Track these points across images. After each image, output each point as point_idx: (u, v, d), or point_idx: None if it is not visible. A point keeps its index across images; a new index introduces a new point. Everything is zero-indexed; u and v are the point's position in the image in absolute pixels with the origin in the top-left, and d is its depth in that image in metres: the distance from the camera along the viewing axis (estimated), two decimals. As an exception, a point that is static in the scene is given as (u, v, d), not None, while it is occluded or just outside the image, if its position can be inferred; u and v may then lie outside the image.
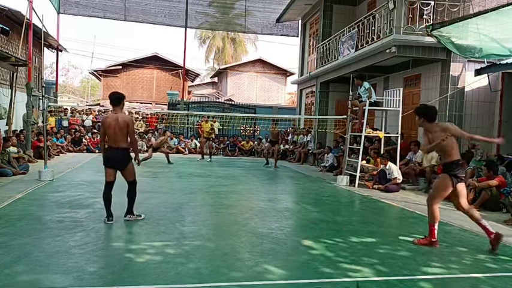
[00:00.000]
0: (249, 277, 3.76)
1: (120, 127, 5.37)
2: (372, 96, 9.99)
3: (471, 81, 10.15)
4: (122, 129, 5.38)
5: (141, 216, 5.74)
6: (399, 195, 8.96)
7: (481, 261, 4.53)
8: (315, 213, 6.81)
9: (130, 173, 5.58)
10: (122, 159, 5.49)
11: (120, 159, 5.48)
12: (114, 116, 5.45)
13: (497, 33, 8.61)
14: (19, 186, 8.10)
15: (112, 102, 5.58)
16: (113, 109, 5.59)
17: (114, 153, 5.46)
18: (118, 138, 5.40)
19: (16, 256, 4.03)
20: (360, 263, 4.23)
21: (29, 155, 11.89)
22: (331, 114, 15.81)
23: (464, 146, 10.17)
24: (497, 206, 7.37)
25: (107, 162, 5.52)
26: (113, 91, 5.84)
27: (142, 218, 5.72)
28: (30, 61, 13.58)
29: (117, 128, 5.37)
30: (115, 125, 5.37)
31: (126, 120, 5.43)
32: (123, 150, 5.48)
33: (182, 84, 25.20)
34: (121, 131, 5.38)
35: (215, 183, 9.75)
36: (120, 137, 5.40)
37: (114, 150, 5.46)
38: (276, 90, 34.56)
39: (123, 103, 5.64)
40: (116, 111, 5.52)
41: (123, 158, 5.50)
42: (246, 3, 21.44)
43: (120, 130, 5.37)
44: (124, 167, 5.52)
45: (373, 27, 11.40)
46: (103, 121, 5.59)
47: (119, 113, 5.49)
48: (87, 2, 20.73)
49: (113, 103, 5.58)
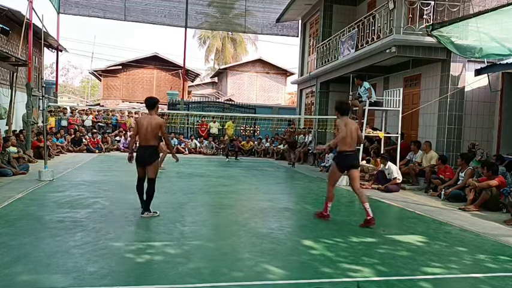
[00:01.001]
0: (249, 277, 3.76)
1: (152, 127, 5.93)
2: (371, 96, 9.99)
3: (471, 81, 10.15)
4: (154, 129, 5.94)
5: (156, 212, 6.06)
6: (399, 195, 8.96)
7: (481, 261, 4.53)
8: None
9: (153, 171, 6.05)
10: (150, 155, 6.00)
11: (148, 156, 5.99)
12: (148, 117, 6.03)
13: (497, 33, 8.60)
14: (19, 186, 8.10)
15: (147, 106, 6.16)
16: (148, 112, 6.15)
17: (144, 150, 6.00)
18: (149, 137, 5.96)
19: (16, 256, 4.03)
20: (360, 263, 4.23)
21: (29, 155, 11.89)
22: (331, 114, 15.78)
23: (464, 146, 10.18)
24: (497, 206, 7.37)
25: (138, 161, 6.09)
26: (148, 96, 6.44)
27: (158, 214, 6.02)
28: (30, 61, 13.57)
29: (150, 128, 5.93)
30: (148, 125, 5.93)
31: (159, 122, 6.00)
32: (152, 148, 6.02)
33: (182, 84, 25.20)
34: (153, 131, 5.94)
35: (215, 183, 9.75)
36: (150, 137, 5.96)
37: (144, 148, 6.00)
38: (276, 90, 34.56)
39: (157, 106, 6.20)
40: (151, 114, 6.09)
41: (151, 155, 6.01)
42: (246, 3, 21.43)
43: (152, 130, 5.93)
44: (150, 164, 5.99)
45: (373, 27, 11.40)
46: (137, 121, 6.18)
47: (152, 115, 6.05)
48: (87, 2, 20.71)
49: (148, 107, 6.16)
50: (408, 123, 11.53)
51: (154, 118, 6.01)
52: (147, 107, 6.17)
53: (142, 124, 5.97)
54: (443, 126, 10.31)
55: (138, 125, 6.04)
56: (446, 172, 9.12)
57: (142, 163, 6.04)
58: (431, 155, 9.90)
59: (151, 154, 6.01)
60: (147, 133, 5.93)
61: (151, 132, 5.93)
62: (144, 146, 6.00)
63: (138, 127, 6.03)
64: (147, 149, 5.99)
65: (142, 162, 6.03)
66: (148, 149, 5.99)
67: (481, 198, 7.42)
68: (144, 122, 5.96)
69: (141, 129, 5.96)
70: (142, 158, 6.02)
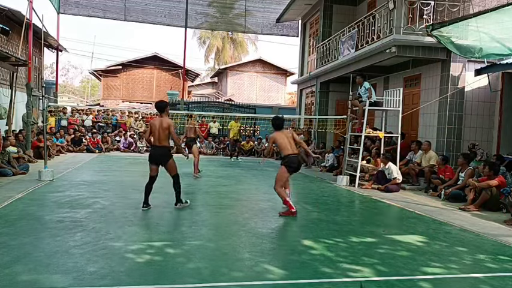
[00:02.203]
0: (249, 277, 3.76)
1: (163, 129, 6.36)
2: (372, 96, 9.99)
3: (471, 81, 10.15)
4: (165, 130, 6.36)
5: (187, 202, 6.72)
6: (399, 195, 8.96)
7: (481, 261, 4.53)
8: (315, 213, 6.82)
9: (172, 168, 6.49)
10: (163, 155, 6.44)
11: (161, 156, 6.44)
12: (159, 119, 6.47)
13: (497, 32, 8.59)
14: (19, 186, 8.10)
15: (158, 109, 6.63)
16: (159, 114, 6.57)
17: (157, 150, 6.45)
18: (161, 138, 6.39)
19: (16, 256, 4.03)
20: (360, 263, 4.23)
21: (28, 155, 11.89)
22: (331, 114, 15.81)
23: (464, 146, 10.18)
24: (497, 206, 7.37)
25: (151, 159, 6.50)
26: (158, 100, 6.93)
27: (189, 204, 6.72)
28: (30, 61, 13.56)
29: (161, 129, 6.36)
30: (159, 127, 6.36)
31: (168, 123, 6.42)
32: (164, 148, 6.46)
33: (182, 84, 25.19)
34: (164, 132, 6.36)
35: (215, 183, 9.75)
36: (163, 137, 6.39)
37: (157, 148, 6.45)
38: (276, 90, 34.57)
39: (167, 109, 6.67)
40: (162, 116, 6.51)
41: (164, 155, 6.45)
42: (246, 3, 21.42)
43: (163, 131, 6.36)
44: (166, 163, 6.43)
45: (373, 27, 11.39)
46: (150, 123, 6.63)
47: (163, 118, 6.48)
48: (87, 2, 20.70)
49: (158, 110, 6.61)
50: (408, 123, 11.53)
51: (164, 120, 6.44)
52: (158, 110, 6.63)
53: (154, 125, 6.43)
54: (443, 126, 10.31)
55: (151, 127, 6.50)
56: (446, 172, 9.12)
57: (155, 161, 6.46)
58: (431, 155, 9.90)
59: (164, 154, 6.44)
60: (160, 134, 6.37)
61: (162, 133, 6.36)
62: (157, 146, 6.45)
63: (151, 129, 6.49)
64: (160, 148, 6.44)
65: (155, 160, 6.46)
66: (161, 148, 6.43)
67: (481, 198, 7.42)
68: (156, 124, 6.41)
69: (154, 131, 6.42)
70: (155, 156, 6.47)
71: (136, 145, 17.85)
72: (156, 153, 6.46)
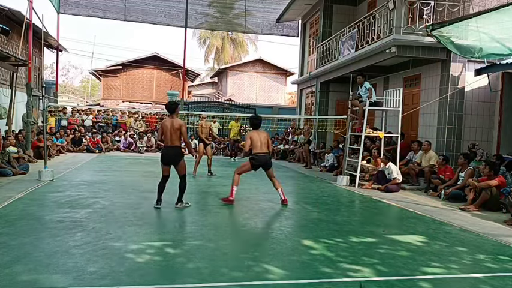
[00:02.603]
0: (249, 277, 3.76)
1: (174, 129, 6.46)
2: (372, 96, 9.99)
3: (471, 81, 10.15)
4: (176, 130, 6.46)
5: (188, 203, 6.72)
6: (399, 195, 8.96)
7: (481, 261, 4.53)
8: (315, 213, 6.81)
9: (182, 169, 6.61)
10: (175, 155, 6.54)
11: (173, 155, 6.54)
12: (170, 120, 6.55)
13: (497, 32, 8.59)
14: (19, 186, 8.10)
15: (168, 110, 6.72)
16: (170, 115, 6.67)
17: (169, 150, 6.55)
18: (173, 138, 6.49)
19: (16, 256, 4.03)
20: (360, 263, 4.23)
21: (28, 155, 11.89)
22: (331, 114, 15.80)
23: (464, 146, 10.18)
24: (497, 206, 7.37)
25: (163, 159, 6.60)
26: (168, 101, 7.01)
27: (190, 205, 6.71)
28: (30, 61, 13.56)
29: (172, 130, 6.46)
30: (170, 127, 6.46)
31: (179, 123, 6.53)
32: (176, 148, 6.56)
33: (182, 84, 25.19)
34: (175, 132, 6.46)
35: (215, 183, 9.75)
36: (174, 137, 6.49)
37: (169, 148, 6.55)
38: (276, 90, 34.57)
39: (177, 110, 6.70)
40: (172, 117, 6.60)
41: (176, 155, 6.55)
42: (246, 3, 21.41)
43: (175, 132, 6.46)
44: (177, 163, 6.55)
45: (373, 27, 11.39)
46: (162, 124, 6.72)
47: (174, 118, 6.57)
48: (87, 2, 20.70)
49: (169, 111, 6.71)
50: (408, 123, 11.52)
51: (175, 121, 6.54)
52: (168, 111, 6.73)
53: (166, 126, 6.51)
54: (443, 126, 10.31)
55: (163, 128, 6.58)
56: (446, 172, 9.12)
57: (167, 162, 6.57)
58: (431, 155, 9.90)
59: (176, 154, 6.54)
60: (171, 134, 6.46)
61: (174, 134, 6.46)
62: (169, 146, 6.54)
63: (163, 130, 6.57)
64: (172, 149, 6.54)
65: (167, 161, 6.57)
66: (173, 149, 6.53)
67: (481, 198, 7.42)
68: (168, 125, 6.50)
69: (166, 131, 6.50)
70: (167, 156, 6.58)
71: (136, 145, 17.86)
72: (169, 153, 6.54)
